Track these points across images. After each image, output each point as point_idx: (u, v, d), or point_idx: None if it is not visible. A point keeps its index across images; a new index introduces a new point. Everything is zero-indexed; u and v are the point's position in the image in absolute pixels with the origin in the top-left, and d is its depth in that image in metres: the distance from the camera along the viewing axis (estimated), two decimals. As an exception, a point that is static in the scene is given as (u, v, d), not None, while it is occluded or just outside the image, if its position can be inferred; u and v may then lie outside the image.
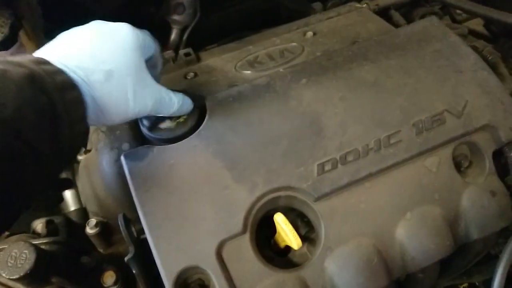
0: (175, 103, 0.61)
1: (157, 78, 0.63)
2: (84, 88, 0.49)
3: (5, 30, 0.66)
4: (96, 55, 0.51)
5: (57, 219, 0.87)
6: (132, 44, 0.54)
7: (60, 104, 0.45)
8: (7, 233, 0.87)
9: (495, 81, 0.71)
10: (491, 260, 0.77)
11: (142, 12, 1.20)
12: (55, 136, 0.45)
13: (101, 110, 0.51)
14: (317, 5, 0.96)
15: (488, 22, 1.11)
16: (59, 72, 0.47)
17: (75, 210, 0.87)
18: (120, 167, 0.64)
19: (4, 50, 0.69)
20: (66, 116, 0.46)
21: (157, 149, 0.63)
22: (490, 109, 0.69)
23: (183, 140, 0.64)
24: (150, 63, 0.61)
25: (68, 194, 0.90)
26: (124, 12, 1.15)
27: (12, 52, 0.72)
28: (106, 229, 0.72)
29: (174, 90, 0.63)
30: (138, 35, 0.56)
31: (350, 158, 0.64)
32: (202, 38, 1.14)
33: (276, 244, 0.65)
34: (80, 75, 0.49)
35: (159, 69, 0.66)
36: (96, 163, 0.69)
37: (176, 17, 1.12)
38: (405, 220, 0.63)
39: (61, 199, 0.91)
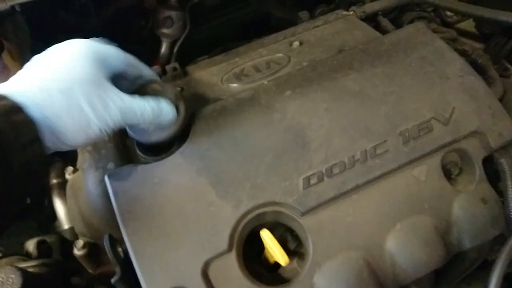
0: (149, 111, 0.57)
1: (130, 89, 0.61)
2: (33, 108, 0.47)
3: (-14, 53, 0.65)
4: (44, 73, 0.50)
5: (50, 238, 0.87)
6: (84, 58, 0.52)
7: (6, 128, 0.44)
8: (-1, 255, 0.87)
9: (483, 86, 0.70)
10: (489, 266, 0.75)
11: (131, 26, 1.20)
12: (6, 161, 0.45)
13: (57, 129, 0.49)
14: (304, 14, 0.95)
15: (480, 23, 1.10)
16: (2, 97, 0.46)
17: (69, 228, 0.87)
18: (105, 187, 0.64)
19: (-14, 73, 0.68)
20: (15, 140, 0.45)
21: (141, 168, 0.63)
22: (478, 115, 0.68)
23: (167, 158, 0.64)
24: (120, 75, 0.59)
25: (61, 212, 0.89)
26: (112, 27, 1.16)
27: (-5, 74, 0.72)
28: (94, 250, 0.71)
29: (159, 97, 0.60)
30: (95, 48, 0.54)
31: (336, 170, 0.63)
32: (192, 50, 1.14)
33: (266, 259, 0.64)
34: (28, 96, 0.48)
35: (132, 79, 0.62)
36: (81, 183, 0.68)
37: (165, 30, 1.13)
38: (394, 231, 0.61)
39: (54, 217, 0.90)
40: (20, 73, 0.52)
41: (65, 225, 0.88)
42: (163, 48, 1.16)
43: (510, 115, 0.73)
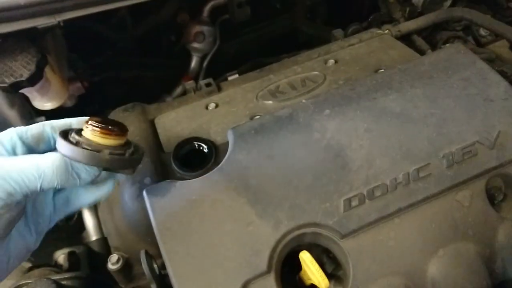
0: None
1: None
2: None
3: (32, 67, 0.67)
4: None
5: (78, 250, 0.87)
6: None
7: None
8: (29, 265, 0.87)
9: (528, 110, 0.68)
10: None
11: (163, 41, 1.22)
12: None
13: None
14: (338, 32, 0.95)
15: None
16: None
17: (96, 239, 0.87)
18: (142, 202, 0.64)
19: (30, 86, 0.70)
20: None
21: (179, 184, 0.63)
22: (524, 139, 0.66)
23: (206, 175, 0.63)
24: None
25: (90, 223, 0.90)
26: (145, 41, 1.18)
27: (37, 88, 0.74)
28: (128, 264, 0.71)
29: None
30: None
31: (377, 193, 0.61)
32: (221, 65, 1.15)
33: (301, 280, 0.63)
34: None
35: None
36: (118, 198, 0.69)
37: (196, 45, 1.14)
38: (437, 257, 0.60)
39: (83, 228, 0.91)
40: None
41: (93, 237, 0.89)
42: (193, 63, 1.18)
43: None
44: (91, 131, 0.49)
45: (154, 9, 1.08)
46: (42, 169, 0.46)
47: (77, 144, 0.48)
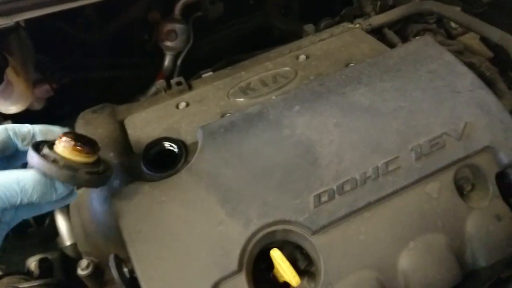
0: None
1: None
2: None
3: (-9, 70, 0.64)
4: None
5: (52, 255, 0.85)
6: None
7: None
8: (0, 273, 0.85)
9: (494, 100, 0.69)
10: (502, 284, 0.74)
11: (136, 40, 1.20)
12: None
13: None
14: (309, 27, 0.95)
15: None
16: None
17: (71, 245, 0.85)
18: (111, 205, 0.62)
19: (-10, 89, 0.67)
20: None
21: (148, 185, 0.61)
22: (490, 129, 0.67)
23: (174, 175, 0.62)
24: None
25: (63, 228, 0.88)
26: (117, 40, 1.15)
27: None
28: (98, 269, 0.69)
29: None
30: None
31: (347, 187, 0.61)
32: (196, 63, 1.14)
33: (275, 278, 0.63)
34: None
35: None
36: (86, 201, 0.67)
37: (169, 43, 1.12)
38: (408, 250, 0.60)
39: (56, 233, 0.89)
40: None
41: (67, 242, 0.87)
42: (167, 61, 1.16)
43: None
44: (66, 148, 0.50)
45: (123, 8, 1.06)
46: (22, 184, 0.48)
47: (54, 161, 0.49)
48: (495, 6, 1.07)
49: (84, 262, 0.67)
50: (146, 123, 0.78)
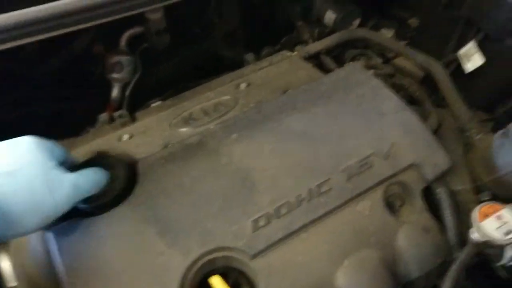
0: (94, 182, 0.61)
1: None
2: None
3: None
4: None
5: (-5, 298, 0.82)
6: (35, 147, 0.55)
7: None
8: None
9: (417, 121, 0.75)
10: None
11: (82, 72, 1.19)
12: None
13: (9, 214, 0.50)
14: (250, 56, 0.99)
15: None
16: None
17: (15, 286, 0.82)
18: (49, 243, 0.62)
19: None
20: None
21: (85, 222, 0.62)
22: (414, 148, 0.72)
23: (113, 209, 0.63)
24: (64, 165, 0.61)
25: (7, 269, 0.85)
26: (62, 73, 1.15)
27: None
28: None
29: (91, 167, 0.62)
30: (41, 141, 0.57)
31: (283, 210, 0.64)
32: (145, 93, 1.15)
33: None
34: None
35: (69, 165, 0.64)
36: (25, 241, 0.66)
37: (115, 75, 1.12)
38: (343, 267, 0.63)
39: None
40: None
41: (11, 283, 0.84)
42: (115, 92, 1.16)
43: (447, 144, 0.78)
44: None
45: (65, 42, 1.06)
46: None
47: None
48: (422, 32, 1.16)
49: (25, 305, 0.65)
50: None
